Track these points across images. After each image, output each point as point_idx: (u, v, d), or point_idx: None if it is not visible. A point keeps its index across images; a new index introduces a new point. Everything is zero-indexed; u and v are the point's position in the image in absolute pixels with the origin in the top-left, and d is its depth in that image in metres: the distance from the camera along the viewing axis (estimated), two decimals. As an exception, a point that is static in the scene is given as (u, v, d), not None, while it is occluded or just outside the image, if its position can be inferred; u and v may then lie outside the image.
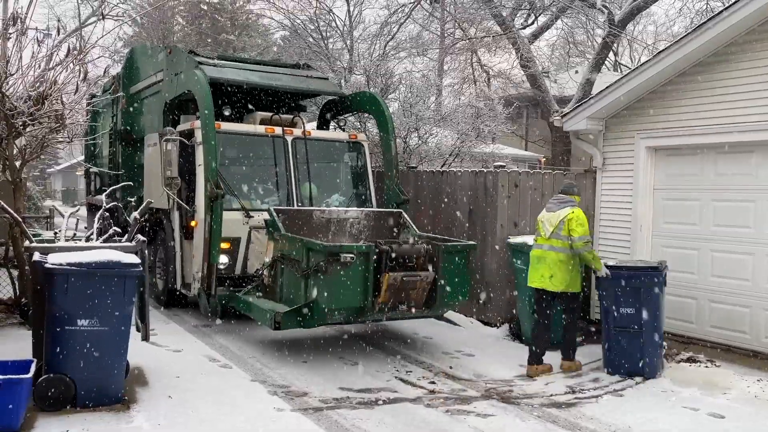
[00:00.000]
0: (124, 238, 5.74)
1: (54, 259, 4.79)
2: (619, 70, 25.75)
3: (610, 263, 6.63)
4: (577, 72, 22.63)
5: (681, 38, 7.34)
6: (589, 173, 8.80)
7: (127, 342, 5.01)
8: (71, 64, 7.04)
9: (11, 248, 7.55)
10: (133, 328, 5.73)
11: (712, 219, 7.44)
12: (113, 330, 4.87)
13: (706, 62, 7.31)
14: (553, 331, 7.47)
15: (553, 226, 6.45)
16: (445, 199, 9.10)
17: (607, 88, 8.11)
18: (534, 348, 6.52)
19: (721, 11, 6.92)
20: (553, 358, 7.05)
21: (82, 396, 4.82)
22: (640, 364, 6.39)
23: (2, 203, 5.74)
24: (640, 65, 7.85)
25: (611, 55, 25.12)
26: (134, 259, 4.98)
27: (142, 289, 5.63)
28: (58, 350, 4.79)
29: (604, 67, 19.32)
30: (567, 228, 6.38)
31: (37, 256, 5.00)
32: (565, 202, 6.60)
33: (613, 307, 6.50)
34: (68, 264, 4.74)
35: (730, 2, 6.88)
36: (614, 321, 6.50)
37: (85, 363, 4.81)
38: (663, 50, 7.56)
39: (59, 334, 4.78)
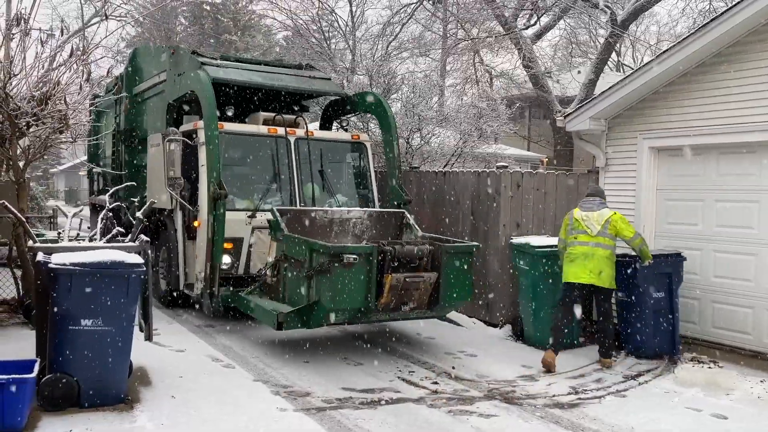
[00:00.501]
0: (127, 238, 5.75)
1: (57, 259, 4.80)
2: (621, 71, 25.74)
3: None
4: (579, 72, 22.61)
5: (684, 38, 7.33)
6: (592, 173, 8.79)
7: (130, 342, 5.02)
8: (74, 65, 7.05)
9: (14, 248, 7.57)
10: (136, 328, 5.75)
11: (715, 219, 7.43)
12: (116, 330, 4.88)
13: (709, 62, 7.30)
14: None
15: (600, 225, 6.74)
16: (448, 200, 9.10)
17: (610, 88, 8.11)
18: (554, 339, 6.79)
19: (724, 11, 6.91)
20: (561, 359, 7.05)
21: (86, 396, 4.83)
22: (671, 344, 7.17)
23: (6, 203, 5.75)
24: (643, 65, 7.84)
25: (614, 55, 25.11)
26: (137, 259, 4.99)
27: (145, 289, 5.64)
28: (61, 350, 4.81)
29: (606, 67, 19.28)
30: (613, 228, 6.74)
31: (40, 256, 5.01)
32: (602, 203, 6.94)
33: (649, 291, 7.10)
34: (71, 264, 4.75)
35: (733, 2, 6.87)
36: (646, 305, 7.09)
37: (88, 363, 4.82)
38: (666, 51, 7.55)
39: (63, 334, 4.79)
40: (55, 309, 4.78)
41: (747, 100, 6.94)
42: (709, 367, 6.70)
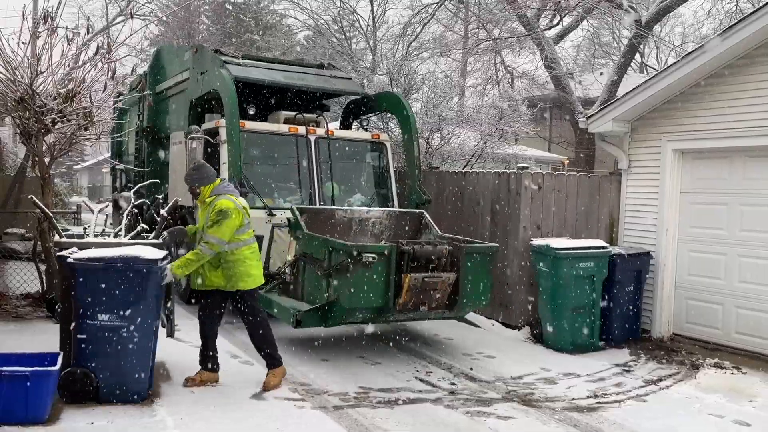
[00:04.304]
0: (151, 235, 5.81)
1: (77, 255, 4.87)
2: (645, 72, 25.44)
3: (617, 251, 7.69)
4: (602, 74, 22.39)
5: (710, 40, 7.23)
6: (614, 176, 8.71)
7: (150, 339, 5.04)
8: (99, 63, 7.15)
9: (39, 243, 7.69)
10: (158, 323, 5.80)
11: (740, 224, 7.32)
12: (134, 326, 4.88)
13: (736, 64, 7.19)
14: (574, 330, 7.42)
15: None
16: (467, 200, 9.07)
17: (633, 89, 8.02)
18: None
19: (752, 12, 6.80)
20: (580, 362, 7.00)
21: (103, 391, 4.86)
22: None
23: (35, 199, 5.84)
24: (668, 67, 7.74)
25: (637, 56, 24.81)
26: (155, 254, 4.97)
27: (168, 285, 5.69)
28: (80, 344, 4.86)
29: (629, 68, 19.07)
30: None
31: (61, 252, 5.07)
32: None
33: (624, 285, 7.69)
34: (88, 259, 4.81)
35: (761, 3, 6.76)
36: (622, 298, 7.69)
37: (105, 358, 4.84)
38: (691, 52, 7.45)
39: (81, 328, 4.84)
40: (75, 303, 4.85)
41: (774, 102, 6.82)
42: (732, 373, 6.60)
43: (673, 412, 5.58)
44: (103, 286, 4.79)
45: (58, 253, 5.07)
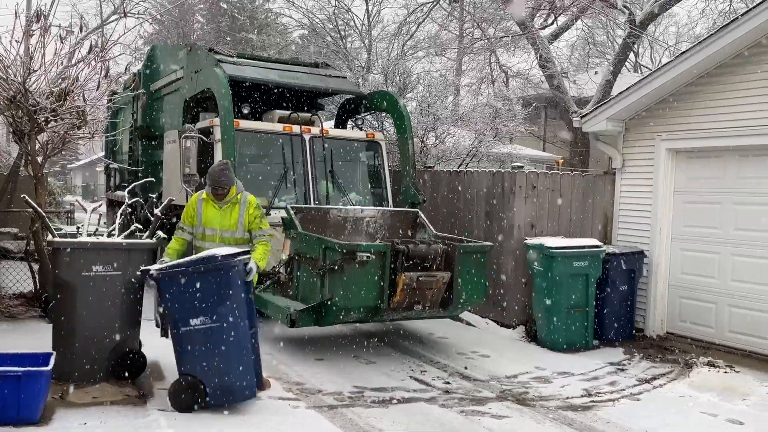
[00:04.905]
0: (145, 235, 5.79)
1: (155, 266, 4.97)
2: (639, 72, 25.50)
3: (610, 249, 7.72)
4: (596, 73, 22.42)
5: (704, 39, 7.25)
6: (608, 175, 8.73)
7: (248, 334, 4.99)
8: (93, 61, 7.12)
9: (32, 242, 7.66)
10: (152, 323, 5.79)
11: (734, 223, 7.35)
12: (230, 324, 4.83)
13: (730, 63, 7.21)
14: (568, 329, 7.44)
15: None
16: (462, 200, 9.07)
17: (627, 89, 8.04)
18: None
19: (746, 12, 6.82)
20: (574, 361, 7.02)
21: (213, 394, 4.86)
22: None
23: (28, 198, 5.81)
24: (662, 66, 7.77)
25: (632, 56, 24.88)
26: (231, 251, 4.99)
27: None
28: (182, 352, 4.86)
29: (624, 68, 19.10)
30: None
31: (149, 269, 5.01)
32: None
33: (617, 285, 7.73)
34: (169, 267, 4.89)
35: (755, 3, 6.78)
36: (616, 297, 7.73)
37: (208, 361, 4.82)
38: (685, 51, 7.47)
39: (179, 337, 4.83)
40: (166, 314, 4.87)
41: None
42: (725, 372, 6.62)
43: (667, 410, 5.59)
44: (189, 290, 4.77)
45: (143, 268, 5.06)
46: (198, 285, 4.79)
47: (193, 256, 4.99)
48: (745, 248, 7.22)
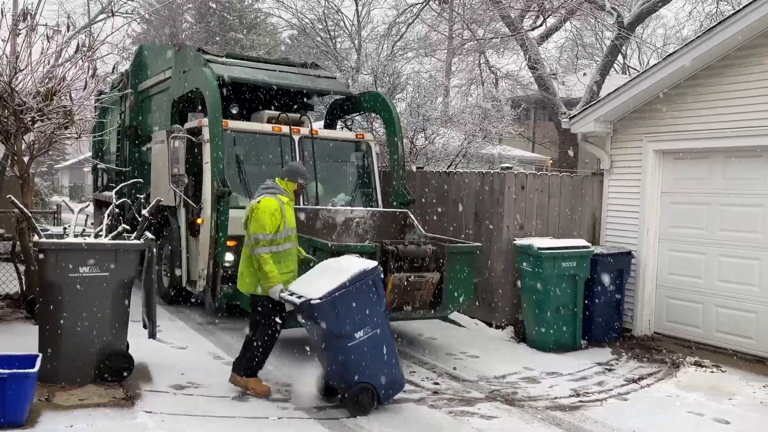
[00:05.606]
0: (133, 236, 5.75)
1: (314, 294, 4.96)
2: (627, 73, 25.67)
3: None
4: (585, 74, 22.57)
5: (691, 41, 7.31)
6: (596, 176, 8.78)
7: (390, 334, 5.32)
8: (80, 61, 7.07)
9: (18, 243, 7.58)
10: (139, 325, 5.75)
11: (720, 223, 7.41)
12: (383, 329, 5.20)
13: (716, 66, 7.27)
14: (557, 329, 7.47)
15: (244, 218, 5.72)
16: (451, 200, 9.09)
17: (615, 90, 8.09)
18: None
19: (732, 15, 6.89)
20: (562, 361, 7.04)
21: (383, 395, 5.23)
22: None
23: (13, 198, 5.76)
24: (650, 68, 7.82)
25: (620, 57, 25.04)
26: (369, 261, 5.25)
27: (149, 286, 5.65)
28: (355, 362, 5.09)
29: (612, 69, 19.23)
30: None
31: (291, 296, 5.12)
32: (267, 189, 5.72)
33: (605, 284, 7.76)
34: (330, 293, 4.90)
35: (741, 5, 6.84)
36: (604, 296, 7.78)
37: (378, 366, 5.17)
38: (672, 53, 7.53)
39: (348, 349, 5.04)
40: (334, 333, 5.00)
41: (754, 103, 6.92)
42: (712, 372, 6.68)
43: (654, 410, 5.63)
44: (352, 306, 4.99)
45: (301, 301, 4.99)
46: (359, 299, 5.04)
47: (351, 275, 5.00)
48: (731, 249, 7.28)
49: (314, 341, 5.37)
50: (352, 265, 5.13)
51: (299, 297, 4.99)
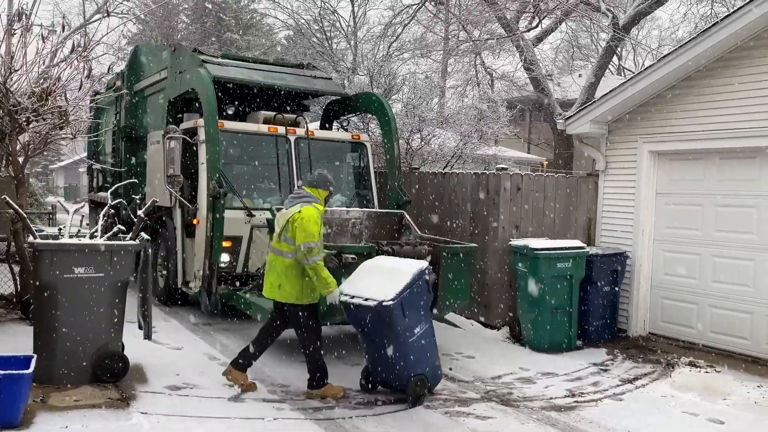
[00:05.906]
0: (128, 236, 5.74)
1: (383, 298, 5.17)
2: (623, 75, 25.75)
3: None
4: (580, 76, 22.62)
5: (686, 43, 7.34)
6: (592, 177, 8.80)
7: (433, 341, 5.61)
8: (75, 61, 7.06)
9: (13, 243, 7.56)
10: (135, 326, 5.74)
11: (714, 224, 7.44)
12: (430, 324, 5.53)
13: (711, 67, 7.30)
14: (552, 330, 7.48)
15: (281, 227, 5.53)
16: (447, 201, 9.10)
17: (611, 91, 8.12)
18: None
19: (725, 17, 6.92)
20: (558, 362, 7.06)
21: (432, 385, 5.61)
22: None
23: (8, 199, 5.74)
24: (645, 69, 7.85)
25: (615, 59, 25.11)
26: (420, 263, 5.44)
27: (145, 285, 5.64)
28: (413, 357, 5.36)
29: (607, 71, 19.29)
30: (293, 230, 5.38)
31: (353, 299, 5.34)
32: (304, 198, 5.59)
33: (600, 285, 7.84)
34: (399, 294, 5.16)
35: (735, 7, 6.87)
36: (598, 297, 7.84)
37: (428, 358, 5.49)
38: (667, 54, 7.56)
39: (410, 345, 5.31)
40: (397, 332, 5.22)
41: (748, 105, 6.95)
42: (707, 372, 6.70)
43: (649, 410, 5.65)
44: (413, 304, 5.28)
45: (375, 304, 5.15)
46: (419, 296, 5.34)
47: (412, 275, 5.24)
48: (726, 249, 7.31)
49: (372, 339, 5.47)
50: (410, 266, 5.39)
51: (365, 299, 5.21)
